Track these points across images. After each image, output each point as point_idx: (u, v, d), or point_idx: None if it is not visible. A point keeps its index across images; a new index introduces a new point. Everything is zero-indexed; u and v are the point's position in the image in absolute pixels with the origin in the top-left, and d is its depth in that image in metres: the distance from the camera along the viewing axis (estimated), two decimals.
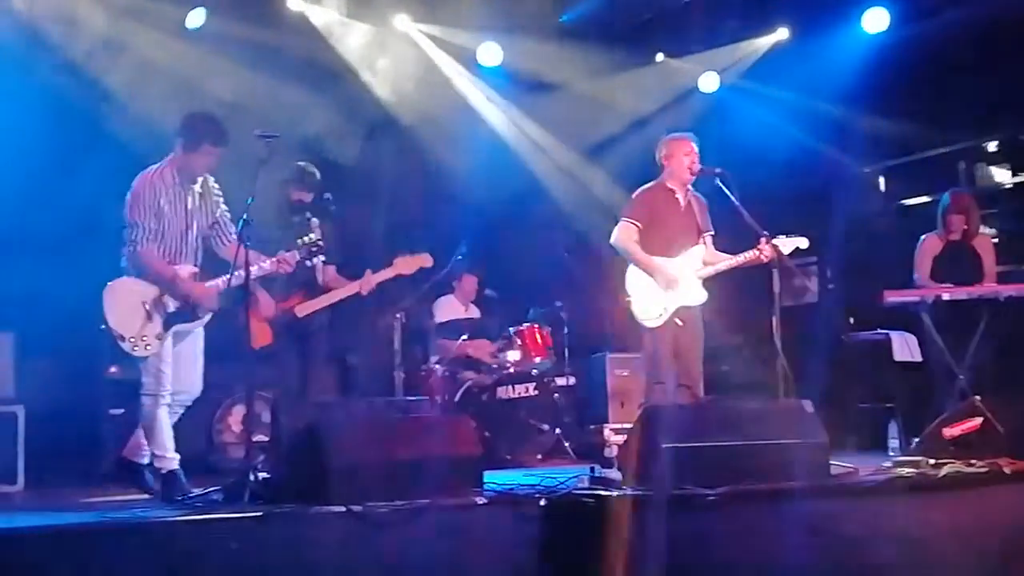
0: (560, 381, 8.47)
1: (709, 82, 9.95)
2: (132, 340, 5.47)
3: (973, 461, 5.56)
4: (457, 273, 8.78)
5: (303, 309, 6.50)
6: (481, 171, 9.10)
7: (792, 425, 5.35)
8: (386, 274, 6.66)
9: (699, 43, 9.76)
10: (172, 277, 5.54)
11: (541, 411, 8.24)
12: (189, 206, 5.66)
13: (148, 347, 5.49)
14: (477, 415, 7.17)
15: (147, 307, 5.50)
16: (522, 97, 9.71)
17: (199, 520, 4.53)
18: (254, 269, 5.56)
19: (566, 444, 8.15)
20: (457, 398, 8.14)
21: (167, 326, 5.55)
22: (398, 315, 7.63)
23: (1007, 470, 5.36)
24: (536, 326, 8.56)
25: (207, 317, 5.69)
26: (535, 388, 8.27)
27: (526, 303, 8.98)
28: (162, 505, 5.30)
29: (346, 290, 6.63)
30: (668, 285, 6.48)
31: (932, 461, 5.72)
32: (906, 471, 5.52)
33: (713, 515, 4.84)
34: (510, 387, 8.24)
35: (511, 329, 8.54)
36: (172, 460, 5.54)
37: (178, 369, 5.58)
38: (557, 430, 8.18)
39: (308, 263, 5.99)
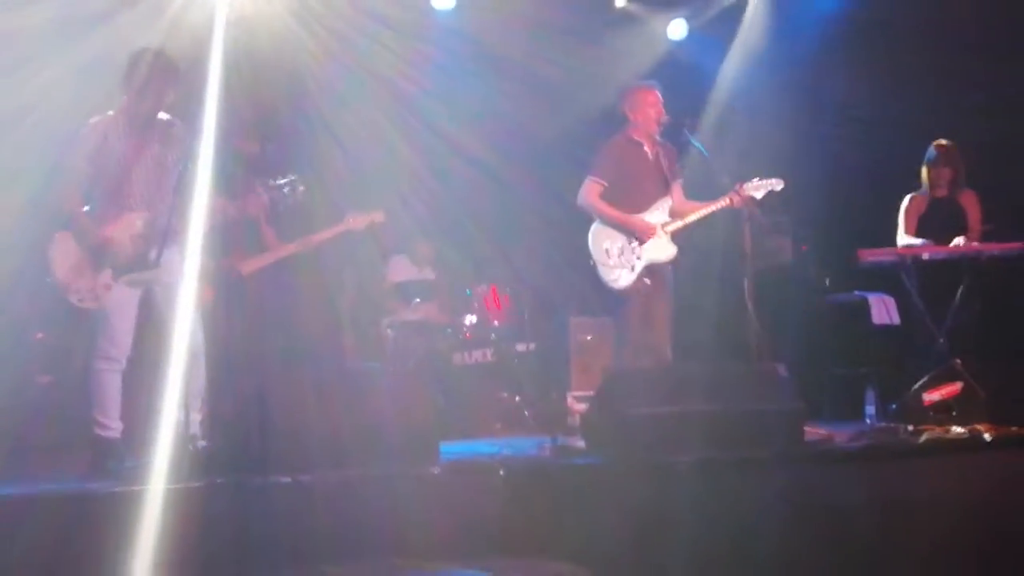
0: (519, 347, 8.43)
1: (677, 29, 9.89)
2: (79, 292, 5.42)
3: (953, 427, 5.62)
4: (412, 234, 8.71)
5: (247, 266, 6.44)
6: (432, 125, 8.99)
7: (765, 390, 5.38)
8: (335, 230, 6.63)
9: None
10: (88, 228, 5.47)
11: (500, 378, 8.21)
12: (145, 152, 5.57)
13: (96, 299, 5.43)
14: (432, 382, 7.13)
15: (91, 256, 5.45)
16: (478, 46, 9.59)
17: (135, 491, 4.47)
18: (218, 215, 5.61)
19: (526, 413, 8.13)
20: (410, 364, 8.10)
21: (117, 275, 5.47)
22: (348, 275, 7.56)
23: (987, 436, 5.43)
24: (495, 288, 8.52)
25: (171, 261, 5.56)
26: (493, 354, 8.24)
27: (484, 264, 8.91)
28: (96, 476, 5.22)
29: (287, 247, 6.60)
30: (644, 233, 6.46)
31: (911, 427, 5.79)
32: (885, 438, 5.57)
33: (682, 484, 4.84)
34: (466, 353, 8.21)
35: (468, 291, 8.49)
36: (114, 430, 5.49)
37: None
38: (516, 398, 8.17)
39: (285, 191, 6.02)
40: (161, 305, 5.53)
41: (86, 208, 5.56)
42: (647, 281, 6.49)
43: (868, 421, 7.42)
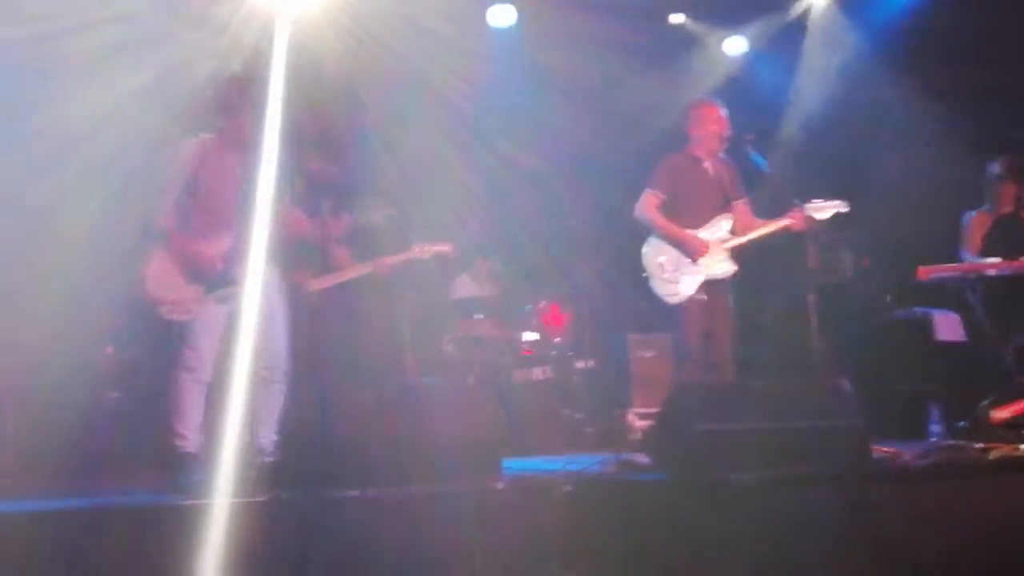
0: (580, 363, 8.42)
1: (736, 45, 9.86)
2: (170, 305, 5.53)
3: (1022, 445, 5.52)
4: (472, 252, 8.74)
5: (315, 284, 6.53)
6: (493, 143, 9.01)
7: (831, 406, 5.30)
8: (403, 257, 6.83)
9: (726, 5, 9.64)
10: (183, 245, 5.57)
11: (560, 395, 8.20)
12: (234, 173, 5.66)
13: (187, 313, 5.53)
14: (492, 399, 7.11)
15: (184, 271, 5.56)
16: (536, 64, 9.61)
17: (202, 505, 4.51)
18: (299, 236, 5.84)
19: (587, 430, 8.12)
20: (470, 380, 8.11)
21: (208, 291, 5.57)
22: (411, 293, 7.59)
23: None
24: (555, 305, 8.52)
25: (270, 278, 5.70)
26: (553, 370, 8.23)
27: (544, 281, 8.91)
28: (167, 490, 5.28)
29: (361, 269, 6.75)
30: (697, 252, 6.43)
31: (980, 445, 5.69)
32: (953, 455, 5.48)
33: (747, 501, 4.80)
34: (526, 369, 8.21)
35: (529, 307, 8.49)
36: (192, 443, 5.54)
37: (269, 340, 5.61)
38: (578, 415, 8.15)
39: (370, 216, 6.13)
40: (246, 322, 5.61)
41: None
42: (702, 297, 6.44)
43: (933, 439, 7.33)
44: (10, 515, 4.34)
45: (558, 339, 8.42)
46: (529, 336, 8.40)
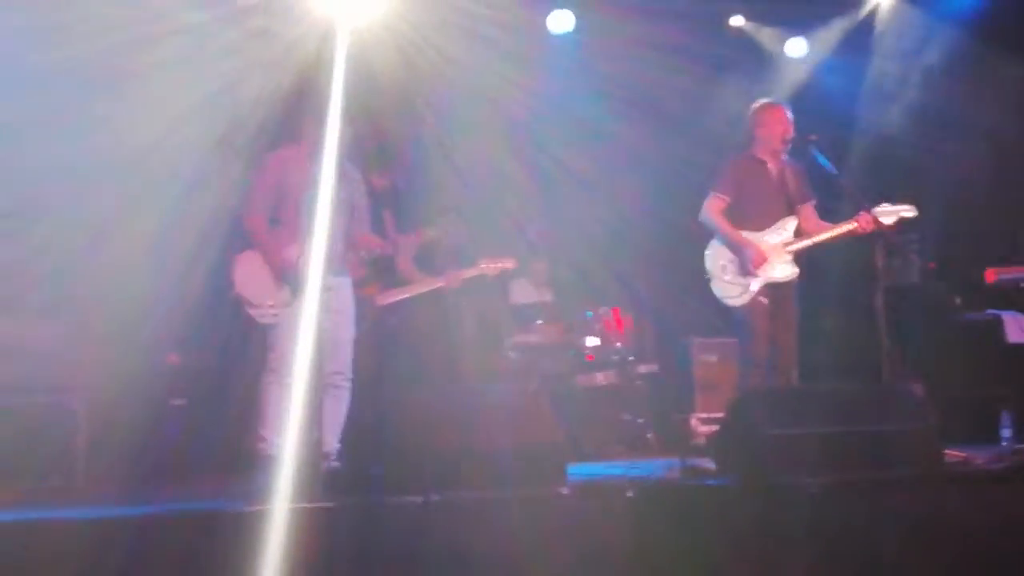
0: (642, 368, 8.35)
1: (797, 47, 9.76)
2: (258, 307, 5.71)
3: None
4: (530, 256, 8.71)
5: (384, 298, 6.58)
6: (550, 147, 8.98)
7: (900, 410, 5.20)
8: (472, 272, 6.98)
9: (787, 6, 9.54)
10: (272, 248, 5.76)
11: (622, 400, 8.15)
12: (324, 185, 5.75)
13: (276, 315, 5.69)
14: (554, 404, 7.08)
15: (273, 276, 5.74)
16: (595, 69, 9.57)
17: (266, 511, 4.51)
18: (363, 253, 6.01)
19: (649, 435, 8.05)
20: (532, 386, 8.06)
21: (295, 294, 5.69)
22: (471, 299, 7.58)
23: None
24: (617, 309, 8.45)
25: (343, 286, 5.89)
26: (616, 376, 8.18)
27: (605, 284, 8.85)
28: (235, 495, 5.28)
29: (431, 283, 6.93)
30: (755, 263, 6.35)
31: None
32: None
33: (816, 507, 4.70)
34: (589, 375, 8.15)
35: (589, 312, 8.44)
36: (273, 446, 5.58)
37: (339, 346, 5.80)
38: (640, 420, 8.08)
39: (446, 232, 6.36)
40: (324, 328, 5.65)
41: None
42: (763, 300, 6.35)
43: (1005, 444, 7.18)
44: (82, 521, 4.37)
45: (619, 344, 8.34)
46: (591, 341, 8.33)
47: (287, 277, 5.71)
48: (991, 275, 7.09)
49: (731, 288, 6.44)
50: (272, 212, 5.85)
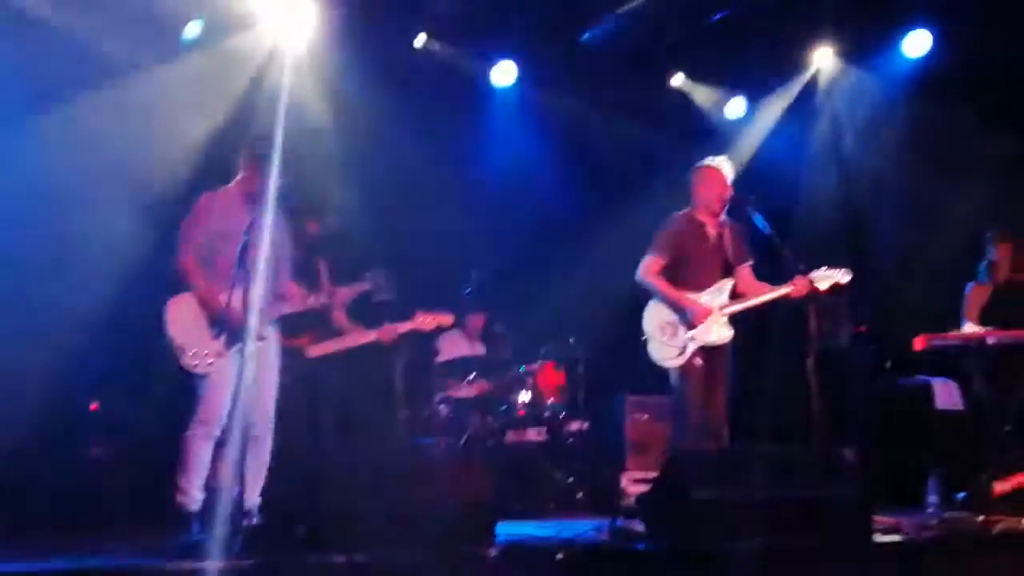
0: (574, 425, 8.29)
1: (737, 108, 9.87)
2: (193, 355, 5.48)
3: None
4: (464, 308, 8.64)
5: (316, 350, 6.46)
6: (490, 199, 8.96)
7: (832, 476, 5.18)
8: (407, 326, 6.80)
9: (727, 67, 9.65)
10: (208, 295, 5.55)
11: (553, 457, 8.08)
12: (251, 227, 5.60)
13: (209, 365, 5.48)
14: (484, 461, 7.01)
15: (208, 324, 5.54)
16: (535, 121, 9.61)
17: (186, 569, 4.37)
18: (296, 305, 5.83)
19: (579, 494, 7.97)
20: (463, 441, 7.97)
21: (230, 344, 5.52)
22: (401, 351, 7.48)
23: None
24: (550, 365, 8.39)
25: (271, 337, 5.70)
26: (547, 432, 8.10)
27: (538, 340, 8.80)
28: (152, 551, 5.12)
29: (365, 337, 6.75)
30: (697, 318, 6.33)
31: (982, 518, 5.57)
32: (955, 528, 5.35)
33: (745, 573, 4.66)
34: (520, 430, 8.08)
35: (522, 368, 8.37)
36: (194, 500, 5.44)
37: (263, 399, 5.58)
38: (570, 478, 8.01)
39: (374, 299, 6.20)
40: (246, 378, 5.50)
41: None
42: (698, 362, 6.33)
43: (931, 510, 7.20)
44: None
45: (552, 400, 8.27)
46: (523, 396, 8.26)
47: (224, 325, 5.52)
48: (921, 341, 7.14)
49: (668, 349, 6.41)
50: (204, 254, 5.62)
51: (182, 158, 7.25)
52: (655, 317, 6.48)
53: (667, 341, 6.40)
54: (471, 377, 8.38)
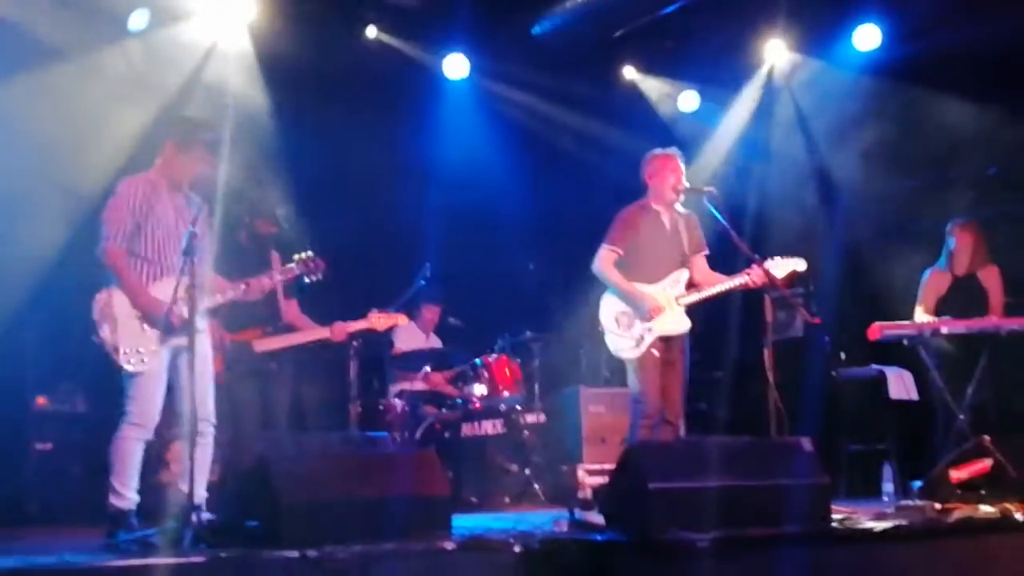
0: (530, 418, 8.22)
1: (690, 101, 9.86)
2: (126, 353, 5.25)
3: (981, 506, 5.40)
4: (419, 301, 8.56)
5: (262, 345, 6.35)
6: (444, 192, 8.88)
7: (790, 465, 5.14)
8: (359, 325, 6.71)
9: (680, 60, 9.63)
10: (138, 287, 5.32)
11: (509, 450, 8.01)
12: (177, 214, 5.45)
13: (143, 361, 5.26)
14: (440, 453, 6.91)
15: (140, 318, 5.30)
16: (487, 114, 9.55)
17: (134, 566, 4.25)
18: (218, 297, 5.53)
19: (536, 486, 7.92)
20: (418, 434, 7.90)
21: (163, 340, 5.32)
22: (354, 343, 7.37)
23: (1020, 516, 5.18)
24: (505, 358, 8.33)
25: (204, 331, 5.48)
26: (503, 425, 8.04)
27: (493, 332, 8.74)
28: (98, 549, 4.99)
29: (316, 334, 6.61)
30: (650, 313, 6.29)
31: (938, 505, 5.57)
32: (912, 516, 5.34)
33: (705, 563, 4.61)
34: (476, 423, 8.01)
35: (478, 360, 8.30)
36: (129, 500, 5.29)
37: (202, 393, 5.34)
38: (526, 471, 7.96)
39: (306, 279, 5.97)
40: (180, 373, 5.35)
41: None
42: (656, 353, 6.29)
43: (886, 498, 7.23)
44: None
45: (507, 393, 8.21)
46: (478, 389, 8.19)
47: (156, 320, 5.29)
48: (876, 331, 7.15)
49: (625, 341, 6.36)
50: (129, 245, 5.35)
51: (111, 151, 7.04)
52: (611, 308, 6.43)
53: (624, 332, 6.36)
54: (426, 370, 8.30)
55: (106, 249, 5.32)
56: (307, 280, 6.00)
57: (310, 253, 5.95)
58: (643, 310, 6.30)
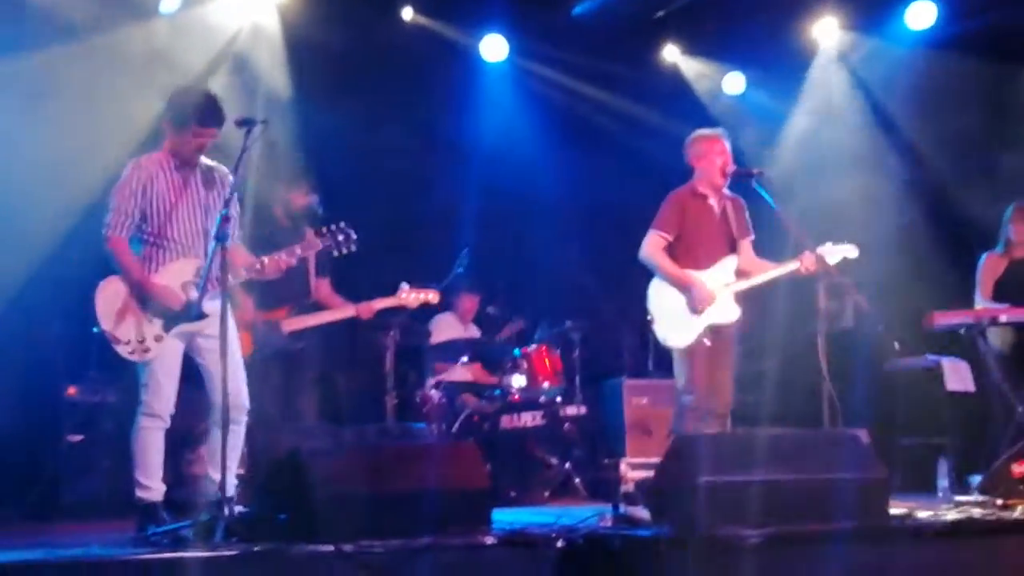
0: (570, 410, 8.08)
1: (735, 83, 9.68)
2: (128, 344, 5.11)
3: None
4: (456, 290, 8.43)
5: (290, 324, 6.25)
6: (482, 177, 8.74)
7: (845, 458, 4.98)
8: (389, 302, 6.57)
9: (724, 41, 9.45)
10: (137, 274, 5.16)
11: (549, 443, 7.88)
12: (190, 194, 5.29)
13: (147, 351, 5.12)
14: (478, 446, 6.79)
15: (142, 305, 5.14)
16: (526, 96, 9.41)
17: (165, 559, 4.16)
18: (243, 271, 5.31)
19: (577, 480, 7.79)
20: (456, 427, 7.77)
21: (168, 327, 5.17)
22: (391, 333, 7.24)
23: None
24: (545, 348, 8.19)
25: (215, 315, 5.16)
26: (543, 417, 7.89)
27: (533, 322, 8.60)
28: (128, 542, 4.90)
29: (342, 312, 6.49)
30: (702, 302, 6.12)
31: (1000, 501, 5.39)
32: (974, 512, 5.17)
33: (756, 559, 4.46)
34: (515, 415, 7.86)
35: (517, 351, 8.16)
36: (155, 492, 5.19)
37: (234, 380, 5.13)
38: (567, 464, 7.82)
39: (335, 252, 5.73)
40: (206, 359, 5.23)
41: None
42: (706, 342, 6.12)
43: (941, 494, 7.03)
44: None
45: (547, 384, 8.06)
46: (517, 381, 8.05)
47: (158, 309, 5.14)
48: (936, 319, 6.96)
49: (675, 330, 6.19)
50: (135, 230, 5.21)
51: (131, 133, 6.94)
52: (660, 297, 6.26)
53: (674, 321, 6.19)
54: (464, 360, 8.17)
55: (107, 236, 5.19)
56: (336, 253, 5.74)
57: (342, 224, 5.72)
58: (694, 298, 6.14)
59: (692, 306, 6.16)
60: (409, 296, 6.58)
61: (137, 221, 5.19)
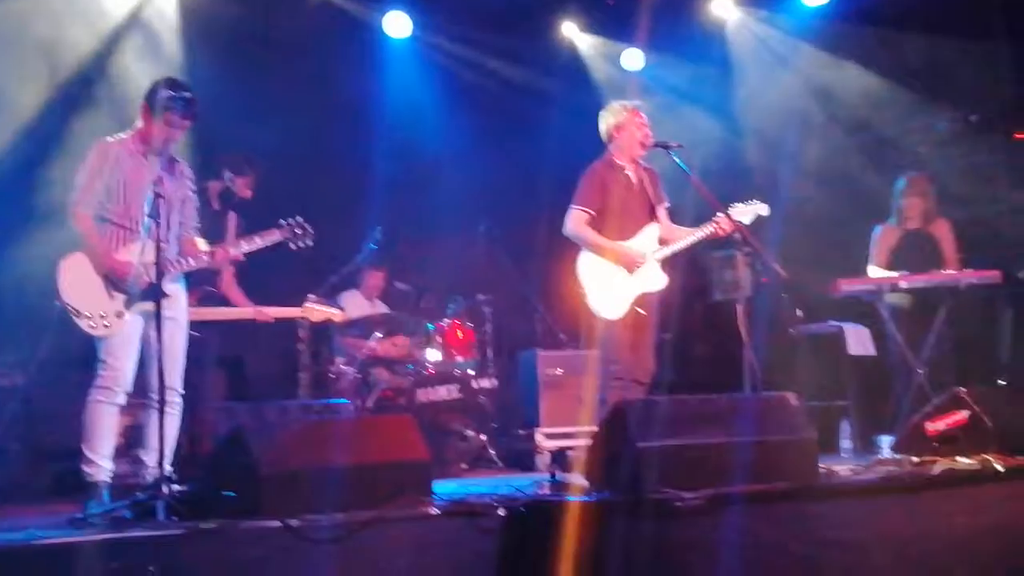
0: (484, 382, 8.10)
1: (634, 59, 9.78)
2: (89, 317, 5.11)
3: (960, 458, 5.41)
4: (363, 266, 8.36)
5: (192, 315, 6.11)
6: (389, 155, 8.67)
7: (776, 420, 5.11)
8: (291, 313, 6.65)
9: (621, 18, 9.53)
10: (102, 250, 5.19)
11: (464, 415, 7.87)
12: (155, 180, 5.19)
13: (108, 327, 5.12)
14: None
15: (105, 281, 5.17)
16: (427, 69, 9.36)
17: (109, 540, 4.05)
18: (189, 262, 5.38)
19: (492, 451, 7.82)
20: (371, 402, 7.73)
21: (129, 304, 5.17)
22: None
23: (1000, 467, 5.21)
24: (457, 321, 8.19)
25: (178, 294, 5.35)
26: (458, 391, 7.89)
27: (443, 296, 8.58)
28: (76, 521, 4.77)
29: (241, 312, 6.55)
30: (633, 268, 6.19)
31: (916, 459, 5.58)
32: (895, 469, 5.35)
33: (695, 521, 4.56)
34: (430, 389, 7.84)
35: (429, 324, 8.14)
36: (102, 470, 5.14)
37: (170, 361, 5.18)
38: (482, 436, 7.84)
39: (292, 246, 5.68)
40: (157, 339, 5.14)
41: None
42: (639, 311, 6.20)
43: (844, 455, 7.26)
44: None
45: (460, 357, 8.08)
46: (432, 355, 8.04)
47: (121, 284, 5.17)
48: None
49: (607, 300, 6.23)
50: (100, 209, 5.25)
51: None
52: (591, 270, 6.30)
53: (606, 293, 6.24)
54: (377, 336, 8.11)
55: (73, 212, 5.24)
56: (293, 247, 5.67)
57: (299, 218, 5.65)
58: (627, 264, 6.20)
59: (624, 272, 6.21)
60: (313, 311, 6.60)
61: (102, 199, 5.22)
